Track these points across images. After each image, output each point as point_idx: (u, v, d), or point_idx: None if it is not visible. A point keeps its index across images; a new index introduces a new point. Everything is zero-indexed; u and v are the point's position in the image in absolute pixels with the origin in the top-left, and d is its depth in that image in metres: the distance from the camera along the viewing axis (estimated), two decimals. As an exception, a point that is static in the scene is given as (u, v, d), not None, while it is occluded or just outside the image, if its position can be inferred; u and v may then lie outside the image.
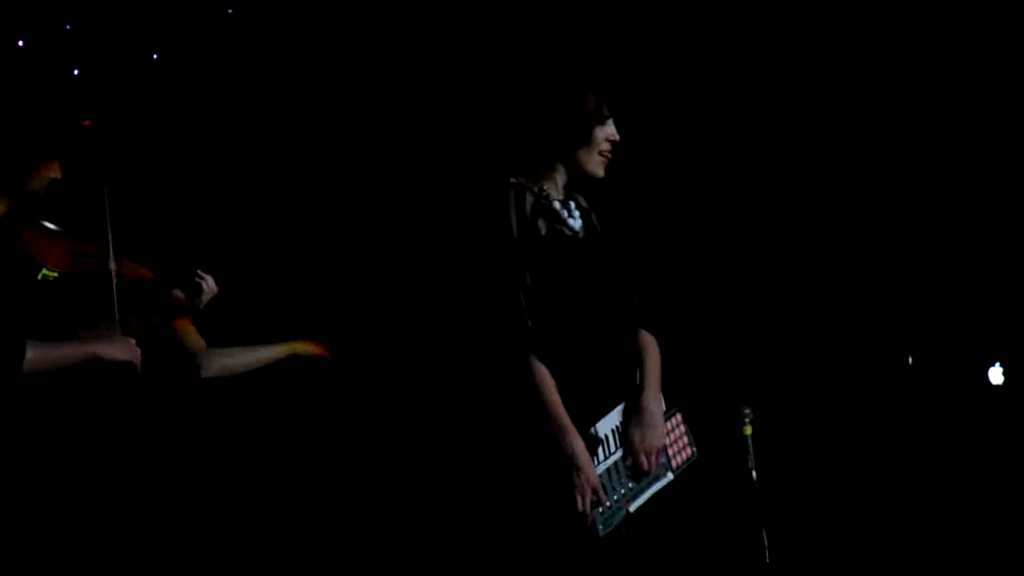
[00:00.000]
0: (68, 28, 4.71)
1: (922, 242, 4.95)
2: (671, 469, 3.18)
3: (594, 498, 2.98)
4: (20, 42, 4.63)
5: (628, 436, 3.12)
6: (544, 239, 3.11)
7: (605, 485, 3.02)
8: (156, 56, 4.86)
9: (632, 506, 3.08)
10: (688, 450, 3.24)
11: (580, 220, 3.23)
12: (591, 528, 2.97)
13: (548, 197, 3.17)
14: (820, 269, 5.01)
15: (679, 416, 3.24)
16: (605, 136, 3.18)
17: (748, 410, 4.12)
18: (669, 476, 3.17)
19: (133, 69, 4.79)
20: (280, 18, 4.99)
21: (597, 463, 3.03)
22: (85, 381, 3.33)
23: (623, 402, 3.15)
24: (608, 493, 3.02)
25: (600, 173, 3.21)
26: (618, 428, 3.12)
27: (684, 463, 3.22)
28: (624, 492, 3.07)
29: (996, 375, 4.87)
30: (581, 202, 3.28)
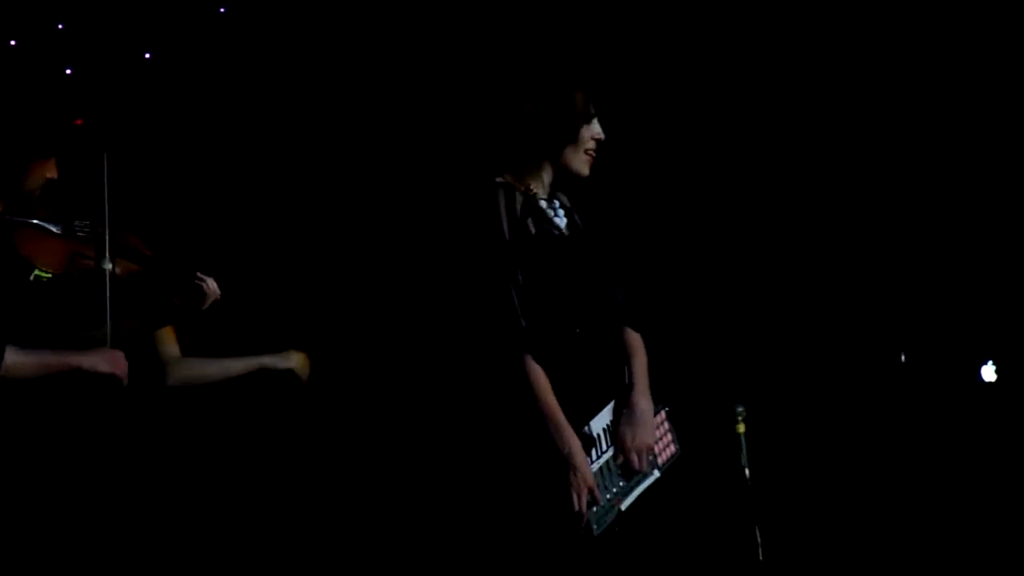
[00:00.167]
0: (60, 28, 4.70)
1: (915, 240, 4.96)
2: (657, 467, 3.18)
3: (589, 498, 2.97)
4: (12, 42, 4.63)
5: (619, 434, 3.11)
6: (534, 238, 3.10)
7: (599, 484, 3.01)
8: (148, 55, 4.86)
9: (623, 504, 3.07)
10: (672, 447, 3.24)
11: (565, 219, 3.23)
12: (586, 527, 2.97)
13: (536, 196, 3.17)
14: (814, 268, 5.01)
15: (663, 414, 3.23)
16: (591, 135, 3.18)
17: (741, 408, 4.12)
18: (656, 474, 3.17)
19: (125, 68, 4.79)
20: (271, 19, 4.99)
21: (591, 462, 3.02)
22: (71, 385, 3.30)
23: (613, 400, 3.15)
24: (601, 492, 3.02)
25: (585, 172, 3.20)
26: (609, 426, 3.12)
27: (668, 460, 3.22)
28: (616, 491, 3.07)
29: (989, 373, 4.88)
30: (564, 201, 3.27)
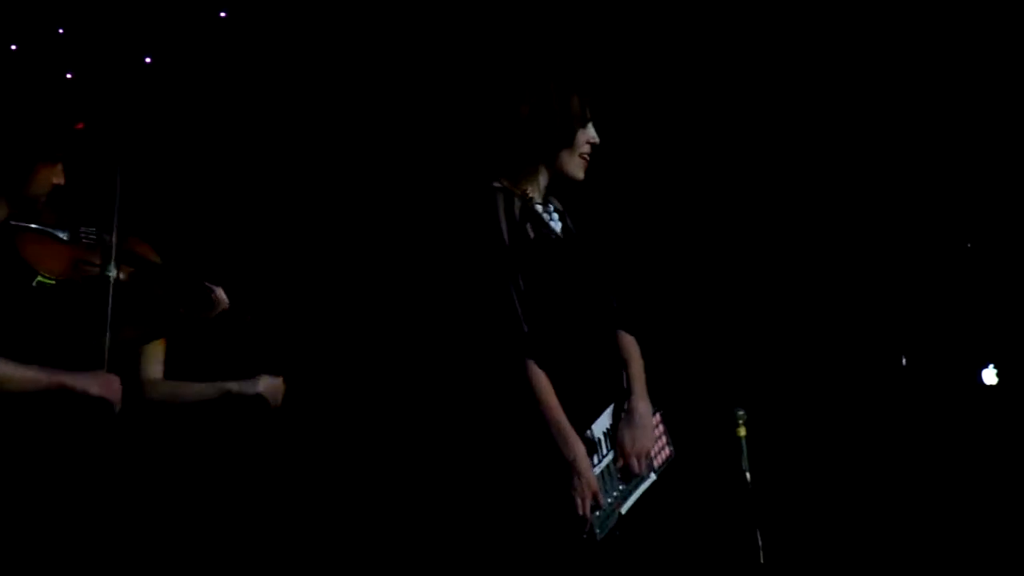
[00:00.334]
0: (61, 32, 4.71)
1: (916, 243, 4.96)
2: (653, 469, 3.18)
3: (593, 502, 2.98)
4: (13, 46, 4.63)
5: (619, 438, 3.12)
6: (532, 243, 3.11)
7: (601, 488, 3.01)
8: (148, 60, 4.86)
9: (623, 507, 3.08)
10: (668, 450, 3.25)
11: (560, 223, 3.24)
12: (590, 532, 2.97)
13: (532, 200, 3.17)
14: (815, 271, 5.01)
15: (658, 416, 3.24)
16: (586, 138, 3.19)
17: (742, 411, 4.12)
18: (652, 477, 3.18)
19: (126, 73, 4.79)
20: (269, 23, 5.00)
21: (593, 466, 3.02)
22: (61, 404, 3.26)
23: (612, 404, 3.15)
24: (603, 496, 3.02)
25: (580, 175, 3.21)
26: (609, 430, 3.13)
27: (664, 463, 3.23)
28: (617, 494, 3.07)
29: (990, 376, 4.87)
30: (557, 205, 3.28)
